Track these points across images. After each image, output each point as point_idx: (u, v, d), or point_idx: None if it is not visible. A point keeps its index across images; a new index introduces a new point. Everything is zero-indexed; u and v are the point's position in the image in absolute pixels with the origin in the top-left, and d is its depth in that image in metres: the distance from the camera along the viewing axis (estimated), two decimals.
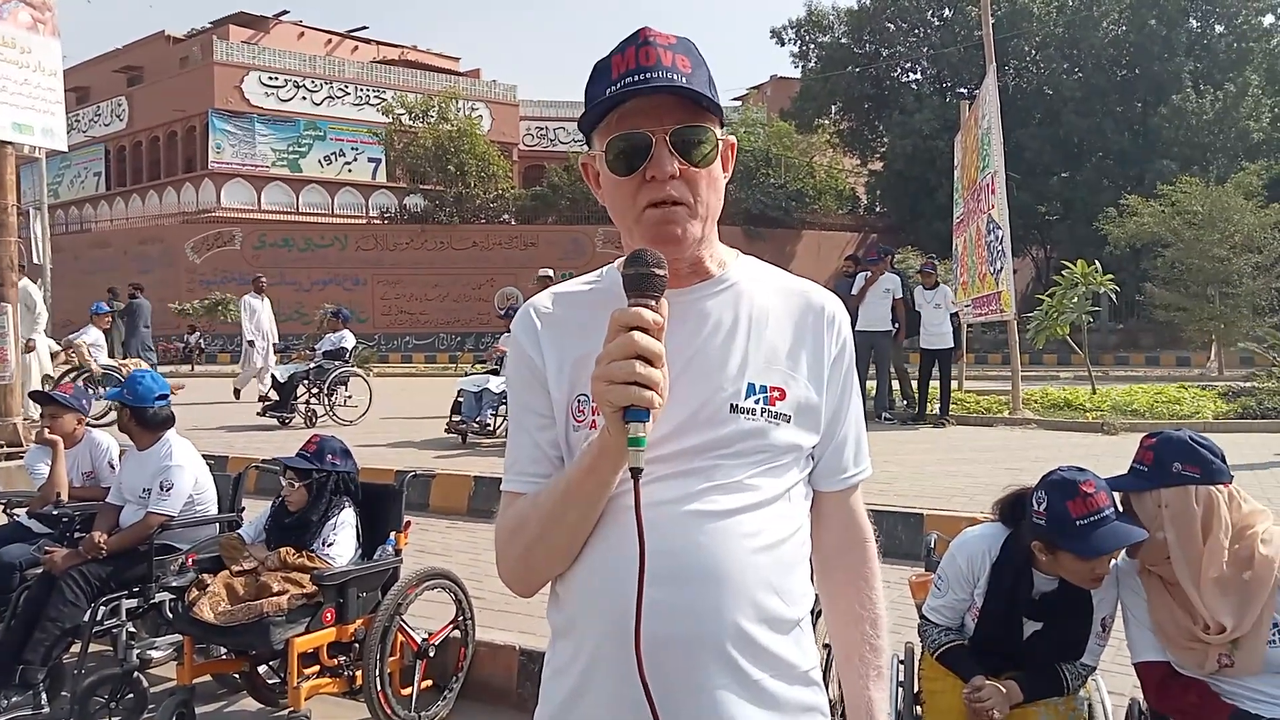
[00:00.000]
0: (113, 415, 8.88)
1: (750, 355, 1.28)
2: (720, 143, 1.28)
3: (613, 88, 1.22)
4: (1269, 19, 31.52)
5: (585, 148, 1.34)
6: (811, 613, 1.32)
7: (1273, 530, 2.31)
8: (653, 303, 1.15)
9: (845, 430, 1.37)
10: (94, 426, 4.88)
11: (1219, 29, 31.28)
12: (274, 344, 14.39)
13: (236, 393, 14.20)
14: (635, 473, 1.09)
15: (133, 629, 3.86)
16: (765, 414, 1.25)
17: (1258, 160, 26.48)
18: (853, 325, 1.75)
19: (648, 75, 1.20)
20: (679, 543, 1.19)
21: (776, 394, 1.27)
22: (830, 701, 1.35)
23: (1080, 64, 31.31)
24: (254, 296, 14.08)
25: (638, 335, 1.11)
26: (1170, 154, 28.06)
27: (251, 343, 13.89)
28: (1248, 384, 13.20)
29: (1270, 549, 2.24)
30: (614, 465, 1.15)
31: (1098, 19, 30.59)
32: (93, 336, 11.68)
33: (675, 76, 1.21)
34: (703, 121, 1.24)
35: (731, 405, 1.24)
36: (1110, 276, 13.57)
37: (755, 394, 1.25)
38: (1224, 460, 2.31)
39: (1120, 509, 2.36)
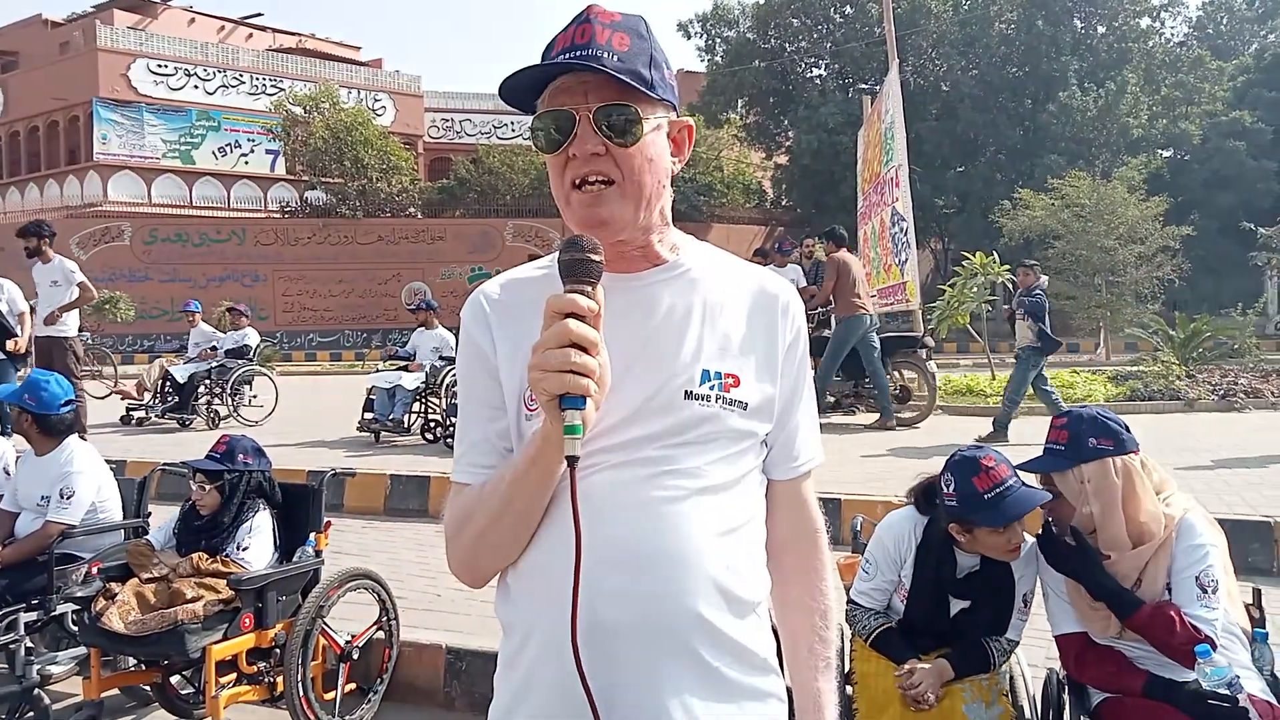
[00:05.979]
0: None
1: (704, 342, 1.26)
2: (659, 123, 1.25)
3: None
4: (1145, 21, 33.26)
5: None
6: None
7: (1178, 496, 2.45)
8: (589, 289, 1.13)
9: (797, 419, 1.37)
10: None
11: (1101, 30, 32.81)
12: None
13: None
14: (571, 461, 1.08)
15: (31, 644, 3.65)
16: (719, 400, 1.24)
17: (1138, 155, 27.88)
18: None
19: (581, 53, 1.19)
20: (634, 529, 1.18)
21: (730, 381, 1.26)
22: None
23: (976, 62, 32.35)
24: None
25: (572, 323, 1.10)
26: (1058, 149, 29.24)
27: None
28: (1134, 368, 13.89)
29: (1171, 509, 2.38)
30: (558, 454, 1.13)
31: (992, 18, 31.70)
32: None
33: (606, 55, 1.19)
34: (631, 100, 1.20)
35: (686, 392, 1.23)
36: (1006, 267, 14.09)
37: (709, 380, 1.24)
38: (1129, 431, 2.45)
39: (1020, 479, 2.47)
